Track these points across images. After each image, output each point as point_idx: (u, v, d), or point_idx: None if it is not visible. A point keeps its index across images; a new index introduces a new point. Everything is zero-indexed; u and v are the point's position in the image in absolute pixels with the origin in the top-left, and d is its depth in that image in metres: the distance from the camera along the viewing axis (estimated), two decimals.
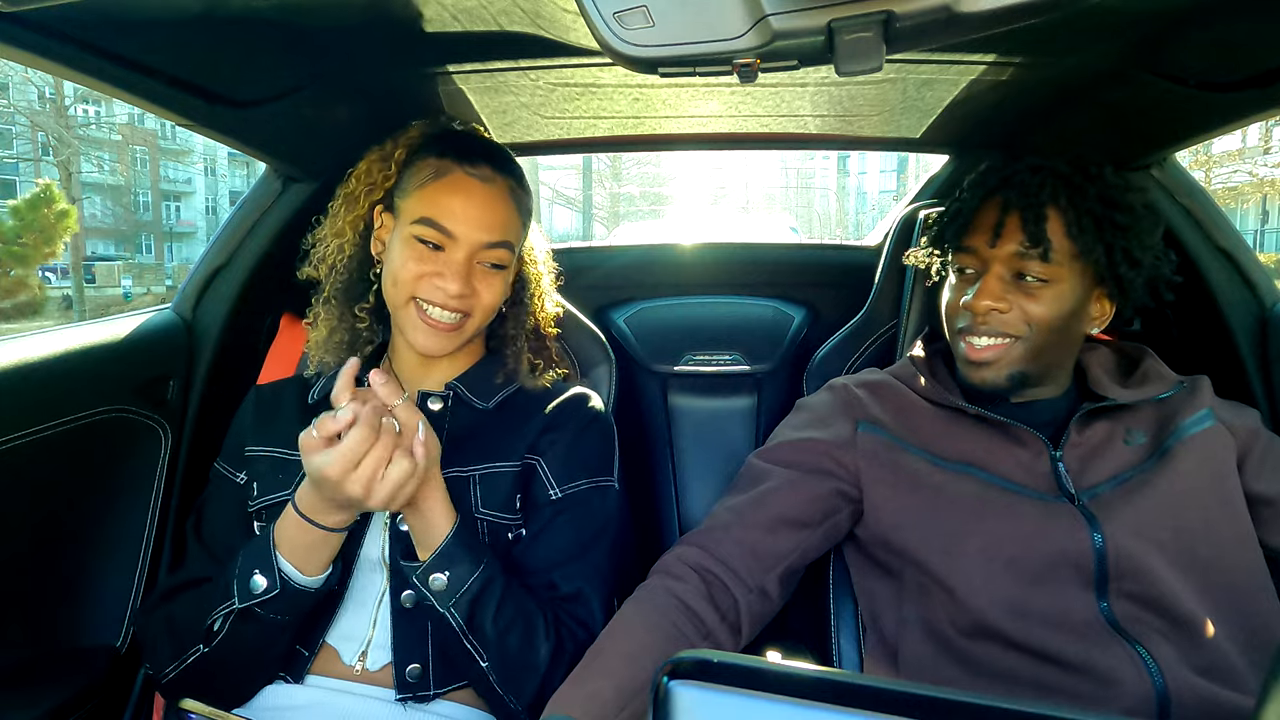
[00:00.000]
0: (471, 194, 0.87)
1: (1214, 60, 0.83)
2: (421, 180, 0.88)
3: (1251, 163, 17.53)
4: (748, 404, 1.50)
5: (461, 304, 0.87)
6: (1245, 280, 1.13)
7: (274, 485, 0.86)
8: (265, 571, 0.76)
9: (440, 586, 0.76)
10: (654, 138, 1.36)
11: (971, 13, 0.45)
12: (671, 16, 0.47)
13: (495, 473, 0.88)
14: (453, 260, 0.86)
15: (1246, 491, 0.87)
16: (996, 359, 0.88)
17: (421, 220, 0.86)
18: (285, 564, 0.76)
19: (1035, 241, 0.84)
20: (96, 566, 1.08)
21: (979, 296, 0.87)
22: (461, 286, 0.86)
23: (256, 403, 0.96)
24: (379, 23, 0.79)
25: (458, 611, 0.76)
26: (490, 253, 0.88)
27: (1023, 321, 0.86)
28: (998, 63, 0.92)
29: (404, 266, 0.86)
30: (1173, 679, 0.74)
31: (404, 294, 0.87)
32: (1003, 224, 0.87)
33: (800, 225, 12.46)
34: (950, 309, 0.93)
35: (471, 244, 0.87)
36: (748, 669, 0.36)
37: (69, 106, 16.86)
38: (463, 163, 0.88)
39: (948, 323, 0.94)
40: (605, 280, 1.59)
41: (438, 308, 0.87)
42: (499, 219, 0.88)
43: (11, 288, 12.98)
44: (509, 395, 0.95)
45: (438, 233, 0.86)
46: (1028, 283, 0.87)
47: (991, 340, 0.88)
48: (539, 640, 0.79)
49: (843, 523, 0.94)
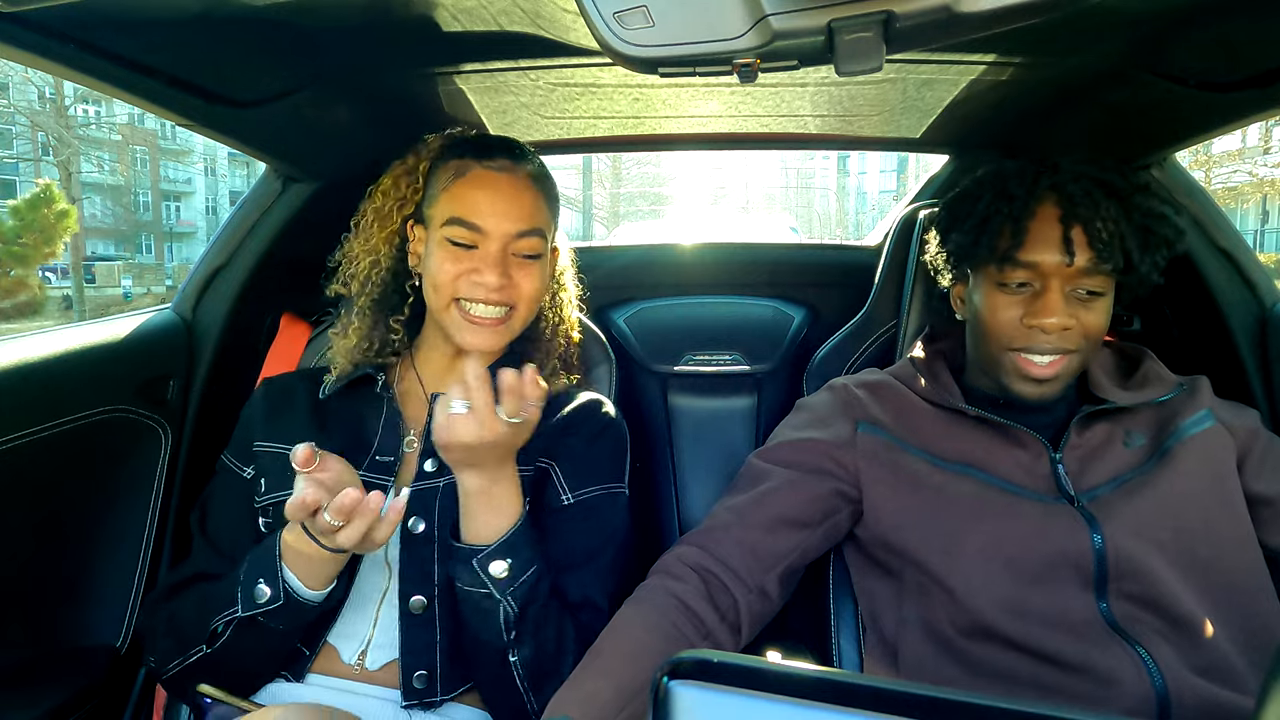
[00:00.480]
0: (495, 187, 0.88)
1: (1214, 60, 0.83)
2: (444, 183, 0.89)
3: (1251, 163, 17.53)
4: (748, 404, 1.50)
5: (503, 296, 0.87)
6: (1245, 280, 1.13)
7: (282, 482, 0.86)
8: (270, 582, 0.76)
9: (501, 573, 0.76)
10: (654, 138, 1.36)
11: (971, 13, 0.45)
12: (671, 16, 0.47)
13: None
14: (487, 254, 0.87)
15: (1246, 492, 0.87)
16: (1056, 375, 0.85)
17: (450, 221, 0.87)
18: (290, 576, 0.75)
19: (1106, 258, 0.82)
20: (96, 566, 1.08)
21: (1048, 314, 0.83)
22: (500, 278, 0.86)
23: (266, 396, 0.95)
24: (379, 23, 0.79)
25: (515, 599, 0.76)
26: (523, 242, 0.89)
27: (1082, 336, 0.85)
28: (998, 63, 0.92)
29: (441, 269, 0.87)
30: (1172, 679, 0.74)
31: (445, 297, 0.87)
32: (1069, 238, 0.82)
33: (800, 225, 12.45)
34: (1007, 326, 0.86)
35: (503, 235, 0.87)
36: (748, 669, 0.36)
37: (69, 106, 16.87)
38: (481, 158, 0.89)
39: (994, 340, 0.88)
40: (605, 280, 1.59)
41: (480, 304, 0.87)
42: (525, 208, 0.89)
43: (11, 288, 12.98)
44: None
45: (467, 230, 0.87)
46: (1084, 296, 0.85)
47: (1054, 357, 0.85)
48: (568, 642, 0.79)
49: (842, 523, 0.94)
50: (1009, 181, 0.88)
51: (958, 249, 0.92)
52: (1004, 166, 0.91)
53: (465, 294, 0.87)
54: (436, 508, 0.85)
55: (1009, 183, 0.87)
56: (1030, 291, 0.86)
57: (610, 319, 1.55)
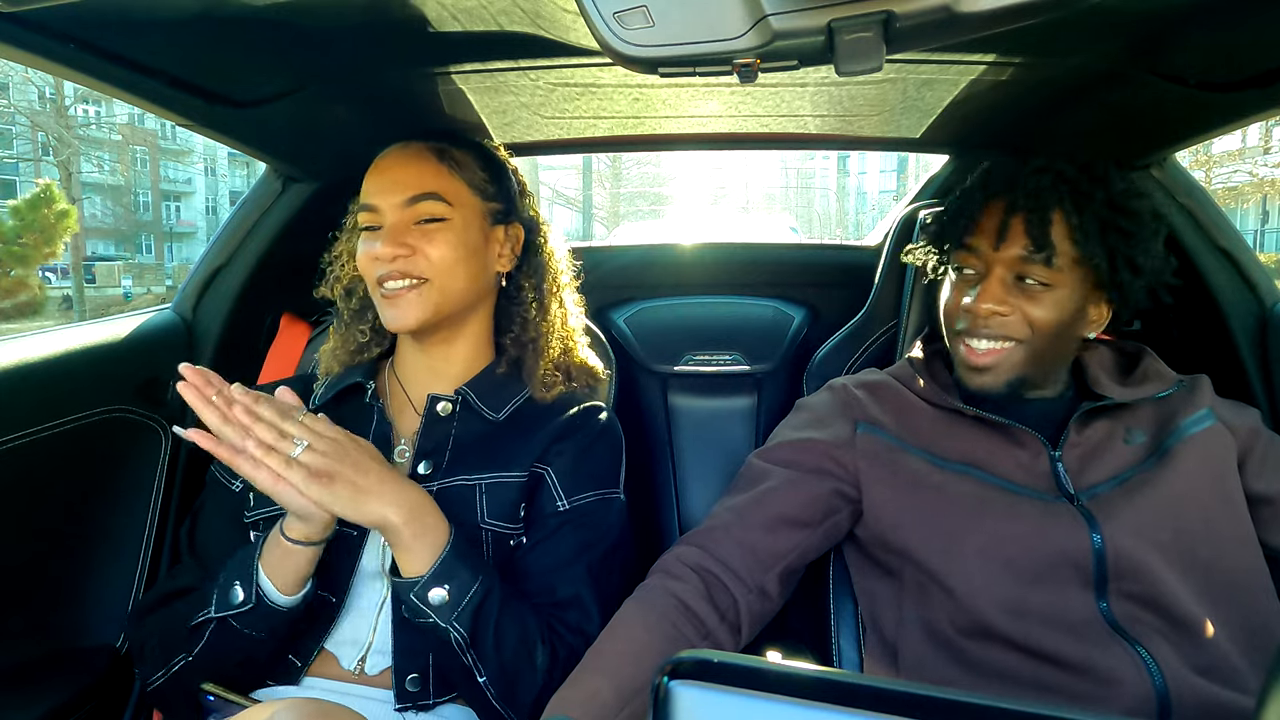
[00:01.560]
0: (384, 165, 0.90)
1: (1214, 60, 0.83)
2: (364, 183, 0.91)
3: (1251, 163, 17.53)
4: (748, 404, 1.50)
5: (401, 266, 0.86)
6: (1245, 280, 1.13)
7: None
8: (245, 584, 0.76)
9: (441, 600, 0.74)
10: (654, 138, 1.36)
11: (971, 13, 0.45)
12: (671, 16, 0.47)
13: (501, 482, 0.87)
14: (385, 233, 0.87)
15: (1247, 491, 0.87)
16: (996, 364, 0.87)
17: (359, 209, 0.90)
18: (263, 578, 0.76)
19: (1040, 246, 0.84)
20: (96, 566, 1.08)
21: (980, 299, 0.86)
22: (392, 247, 0.85)
23: None
24: (379, 23, 0.79)
25: (461, 625, 0.74)
26: (415, 208, 0.87)
27: (1024, 324, 0.86)
28: (998, 63, 0.92)
29: (359, 258, 0.89)
30: (1173, 679, 0.74)
31: (371, 284, 0.89)
32: (1007, 226, 0.85)
33: (800, 225, 12.45)
34: (950, 309, 0.92)
35: (391, 206, 0.87)
36: (748, 669, 0.36)
37: (69, 106, 16.86)
38: (385, 148, 0.92)
39: (946, 323, 0.93)
40: (605, 280, 1.59)
41: (390, 280, 0.87)
42: (413, 174, 0.88)
43: (11, 288, 12.97)
44: (519, 405, 0.94)
45: (369, 213, 0.88)
46: (1029, 286, 0.86)
47: (992, 344, 0.87)
48: (536, 650, 0.78)
49: (842, 523, 0.94)
50: (983, 176, 0.92)
51: (932, 239, 0.96)
52: (991, 164, 0.94)
53: (375, 273, 0.87)
54: None
55: (989, 178, 0.91)
56: (976, 278, 0.89)
57: (610, 319, 1.55)
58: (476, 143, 0.97)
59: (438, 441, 0.89)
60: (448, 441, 0.89)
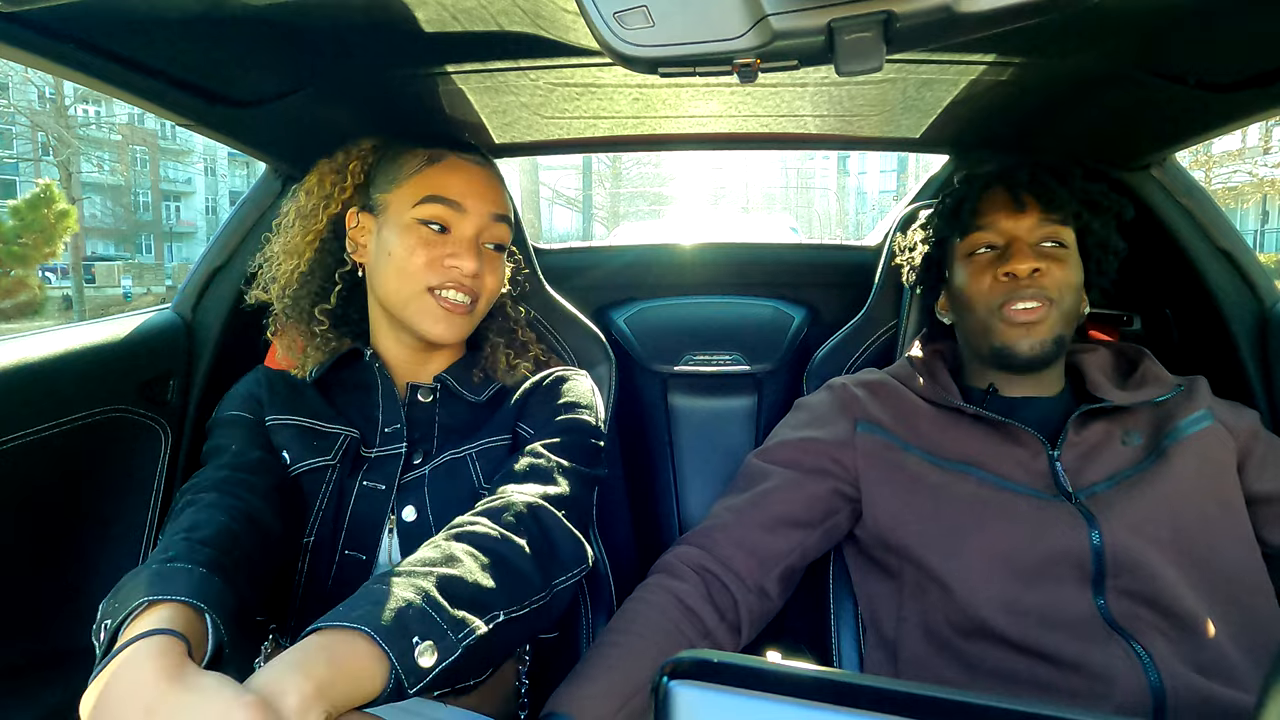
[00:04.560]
0: (472, 172, 0.88)
1: (1214, 60, 0.83)
2: (414, 168, 0.88)
3: (1251, 163, 17.53)
4: (748, 404, 1.50)
5: (475, 284, 0.86)
6: (1245, 280, 1.13)
7: (305, 452, 0.84)
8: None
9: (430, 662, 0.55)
10: (654, 138, 1.36)
11: (971, 13, 0.45)
12: (671, 16, 0.47)
13: (490, 447, 0.87)
14: (462, 238, 0.86)
15: (1249, 492, 0.87)
16: (1042, 319, 0.89)
17: (427, 199, 0.85)
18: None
19: (1056, 206, 0.90)
20: (96, 566, 1.08)
21: (1017, 261, 0.89)
22: (477, 264, 0.84)
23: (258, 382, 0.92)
24: (379, 23, 0.79)
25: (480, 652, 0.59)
26: (496, 227, 0.88)
27: (1055, 285, 0.89)
28: (998, 63, 0.92)
29: (412, 254, 0.84)
30: (1169, 675, 0.74)
31: (416, 284, 0.85)
32: (1019, 198, 0.92)
33: (800, 225, 12.45)
34: (980, 289, 0.92)
35: (481, 215, 0.86)
36: (748, 669, 0.36)
37: (69, 106, 16.85)
38: (455, 149, 0.90)
39: (979, 304, 0.93)
40: (605, 280, 1.59)
41: (451, 290, 0.85)
42: (500, 194, 0.90)
43: (11, 288, 12.96)
44: (497, 389, 0.95)
45: (446, 208, 0.85)
46: (1050, 249, 0.91)
47: (1035, 303, 0.89)
48: (526, 566, 0.66)
49: (842, 522, 0.94)
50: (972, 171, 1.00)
51: (940, 227, 1.00)
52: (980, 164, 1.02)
53: (438, 279, 0.85)
54: (426, 493, 0.84)
55: (972, 171, 1.00)
56: (997, 253, 0.93)
57: (610, 319, 1.55)
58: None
59: (424, 430, 0.90)
60: (433, 428, 0.90)
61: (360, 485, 0.84)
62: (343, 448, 0.85)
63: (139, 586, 0.58)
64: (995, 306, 0.91)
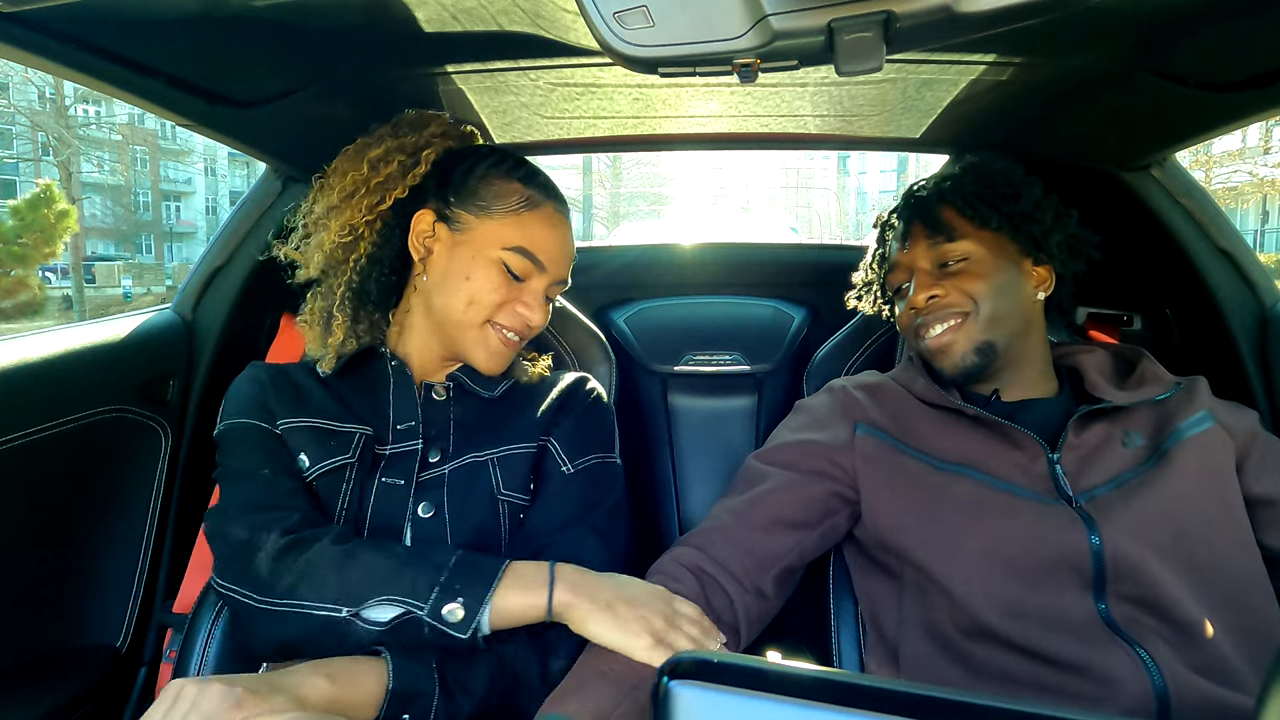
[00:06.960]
0: (562, 232, 0.91)
1: (1214, 60, 0.83)
2: (510, 205, 0.88)
3: (1251, 163, 17.52)
4: (748, 404, 1.50)
5: (533, 332, 0.91)
6: (1245, 280, 1.13)
7: (324, 453, 0.84)
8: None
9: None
10: (654, 138, 1.36)
11: (971, 13, 0.45)
12: (671, 16, 0.47)
13: (513, 454, 0.89)
14: (534, 290, 0.89)
15: (1247, 494, 0.87)
16: (954, 339, 0.92)
17: (517, 249, 0.87)
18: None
19: (936, 227, 0.94)
20: (96, 566, 1.08)
21: (915, 293, 0.94)
22: (544, 318, 0.90)
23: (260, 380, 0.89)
24: (379, 23, 0.79)
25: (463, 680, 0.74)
26: (561, 286, 0.93)
27: (963, 297, 0.91)
28: (998, 63, 0.92)
29: (490, 291, 0.87)
30: (1172, 678, 0.74)
31: (480, 316, 0.87)
32: (908, 232, 0.97)
33: (800, 225, 12.45)
34: (903, 322, 0.99)
35: (556, 279, 0.91)
36: (748, 669, 0.36)
37: (69, 106, 16.86)
38: (550, 198, 0.91)
39: (909, 337, 0.99)
40: (605, 280, 1.59)
41: (514, 333, 0.89)
42: (573, 254, 0.94)
43: (11, 288, 12.96)
44: (511, 385, 0.96)
45: (531, 265, 0.88)
46: (950, 267, 0.94)
47: (943, 325, 0.92)
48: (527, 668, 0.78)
49: (841, 524, 0.94)
50: (885, 222, 1.06)
51: (871, 289, 1.09)
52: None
53: (504, 320, 0.88)
54: (445, 493, 0.85)
55: (884, 223, 1.06)
56: (908, 287, 0.98)
57: (610, 319, 1.55)
58: None
59: (440, 427, 0.90)
60: (449, 425, 0.90)
61: (380, 482, 0.85)
62: (360, 445, 0.85)
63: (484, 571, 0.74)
64: (914, 336, 0.97)
